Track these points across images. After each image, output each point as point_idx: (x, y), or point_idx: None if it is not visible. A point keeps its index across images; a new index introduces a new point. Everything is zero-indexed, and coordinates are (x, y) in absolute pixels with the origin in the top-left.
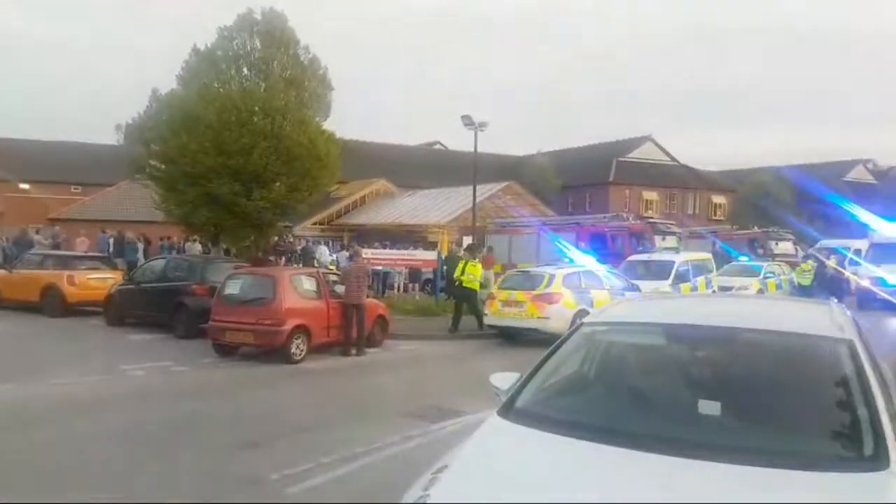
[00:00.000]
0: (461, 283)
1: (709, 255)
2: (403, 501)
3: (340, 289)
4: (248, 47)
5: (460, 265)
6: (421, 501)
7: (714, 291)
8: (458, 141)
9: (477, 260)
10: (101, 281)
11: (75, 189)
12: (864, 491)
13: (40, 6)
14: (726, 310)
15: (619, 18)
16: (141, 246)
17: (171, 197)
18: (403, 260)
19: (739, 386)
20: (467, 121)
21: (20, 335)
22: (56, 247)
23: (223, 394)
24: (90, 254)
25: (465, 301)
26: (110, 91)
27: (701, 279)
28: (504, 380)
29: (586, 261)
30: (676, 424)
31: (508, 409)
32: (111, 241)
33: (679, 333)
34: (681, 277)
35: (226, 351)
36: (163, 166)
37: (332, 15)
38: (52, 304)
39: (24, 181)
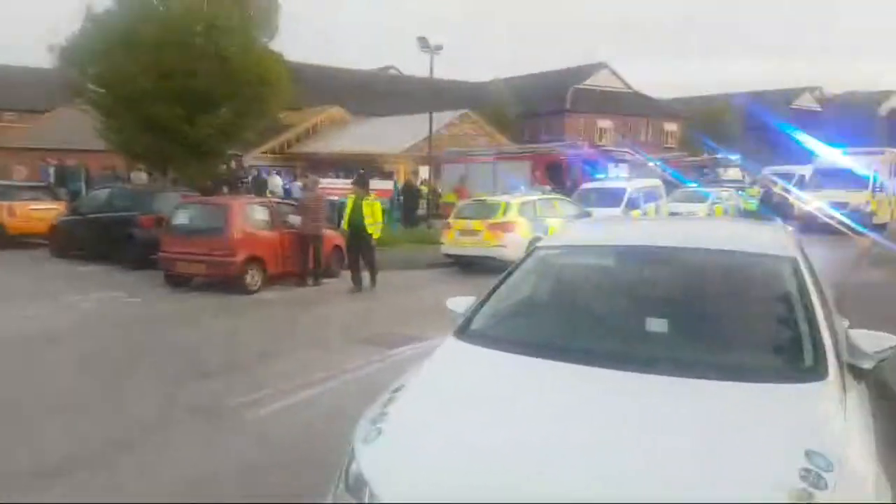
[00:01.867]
0: (358, 228)
1: (659, 182)
2: (362, 420)
3: (295, 219)
4: None
5: (350, 202)
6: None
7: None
8: (414, 66)
9: (373, 196)
10: (44, 212)
11: (9, 115)
12: (803, 399)
13: None
14: (675, 231)
15: None
16: (83, 175)
17: (110, 123)
18: None
19: (686, 304)
20: (423, 43)
21: None
22: None
23: (177, 324)
24: (30, 183)
25: (362, 252)
26: (42, 9)
27: (651, 206)
28: (460, 303)
29: (541, 189)
30: (626, 341)
31: (464, 331)
32: (52, 170)
33: (628, 254)
34: (631, 204)
35: (178, 282)
36: (100, 90)
37: None
38: None
39: None
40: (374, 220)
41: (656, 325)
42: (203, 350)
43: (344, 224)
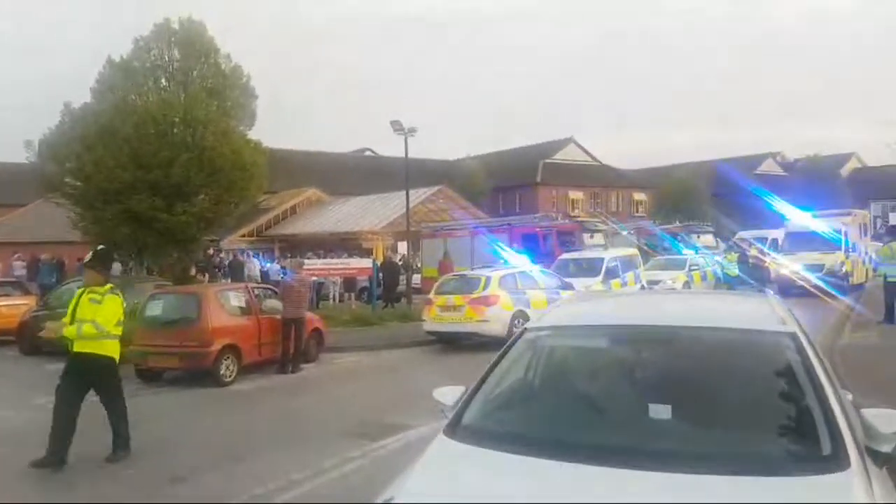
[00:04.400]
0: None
1: (636, 251)
2: None
3: (274, 303)
4: (166, 57)
5: (76, 297)
6: None
7: (643, 286)
8: (388, 147)
9: (114, 291)
10: (13, 308)
11: None
12: (827, 495)
13: None
14: (667, 307)
15: (539, 23)
16: (55, 269)
17: (87, 215)
18: (338, 269)
19: (688, 386)
20: (397, 126)
21: None
22: None
23: (148, 424)
24: (1, 280)
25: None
26: (19, 105)
27: (630, 274)
28: (448, 394)
29: (520, 261)
30: (627, 432)
31: (455, 427)
32: (25, 264)
33: (623, 335)
34: (611, 274)
35: (149, 377)
36: (78, 183)
37: (256, 23)
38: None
39: None
40: (99, 329)
41: (660, 411)
42: (174, 451)
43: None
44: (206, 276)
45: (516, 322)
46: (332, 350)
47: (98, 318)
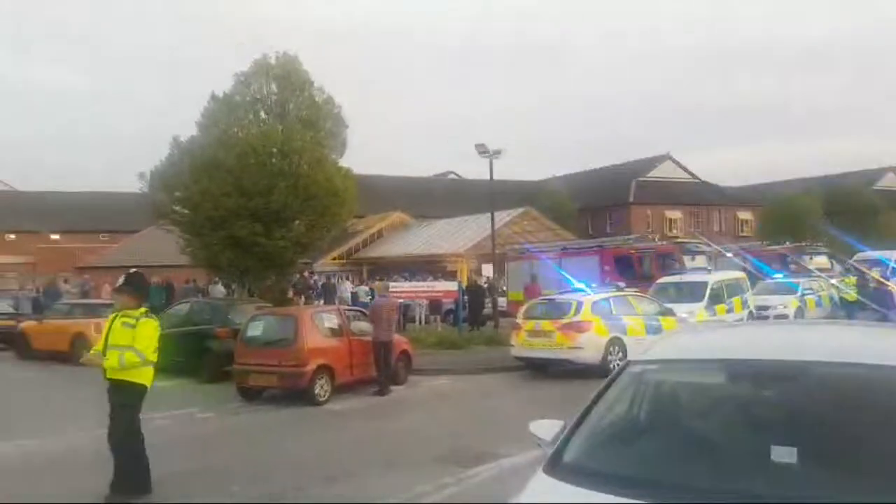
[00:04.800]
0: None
1: (742, 274)
2: None
3: (360, 325)
4: (265, 91)
5: (108, 322)
6: None
7: (751, 312)
8: (473, 169)
9: (149, 315)
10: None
11: (104, 237)
12: None
13: (68, 59)
14: (791, 339)
15: (629, 39)
16: (164, 291)
17: (194, 241)
18: (424, 292)
19: (817, 428)
20: (482, 149)
21: (49, 384)
22: (85, 295)
23: (247, 442)
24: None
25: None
26: (133, 140)
27: (737, 299)
28: (546, 428)
29: (581, 288)
30: (747, 476)
31: (555, 465)
32: None
33: (741, 370)
34: (715, 298)
35: (251, 395)
36: (186, 211)
37: (345, 54)
38: (80, 352)
39: (55, 231)
40: (136, 354)
41: (784, 454)
42: (271, 470)
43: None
44: (302, 298)
45: (611, 349)
46: (419, 373)
47: (137, 344)
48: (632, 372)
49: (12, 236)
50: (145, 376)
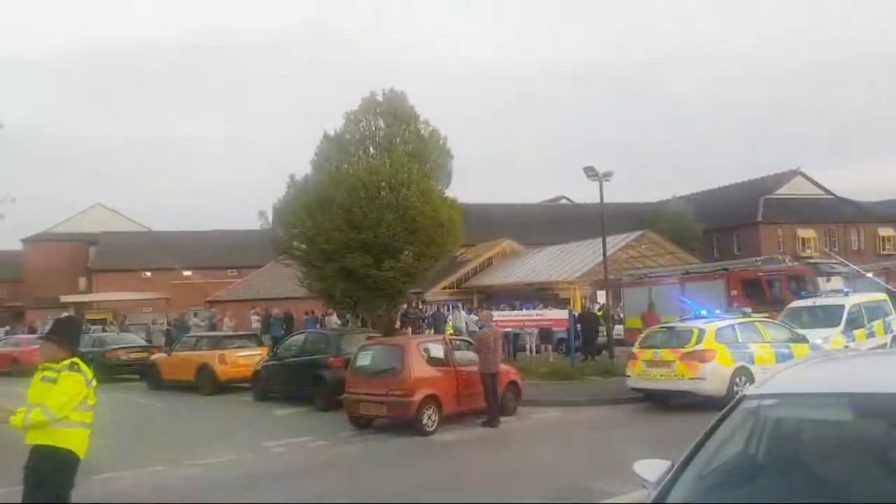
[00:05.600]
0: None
1: (884, 296)
2: None
3: (465, 354)
4: (373, 127)
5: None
6: None
7: (895, 337)
8: (584, 194)
9: (74, 367)
10: (249, 358)
11: (231, 272)
12: None
13: (194, 110)
14: None
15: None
16: (284, 322)
17: (311, 273)
18: (532, 321)
19: None
20: (591, 172)
21: (176, 413)
22: (212, 328)
23: (356, 472)
24: (239, 332)
25: (38, 477)
26: (255, 180)
27: (878, 323)
28: (651, 469)
29: (700, 316)
30: None
31: None
32: (260, 318)
33: (872, 405)
34: (853, 323)
35: (362, 423)
36: (303, 246)
37: (448, 85)
38: (205, 382)
39: (187, 268)
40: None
41: None
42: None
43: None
44: (409, 328)
45: (737, 380)
46: (530, 404)
47: (49, 400)
48: (746, 407)
49: (148, 274)
50: (73, 441)
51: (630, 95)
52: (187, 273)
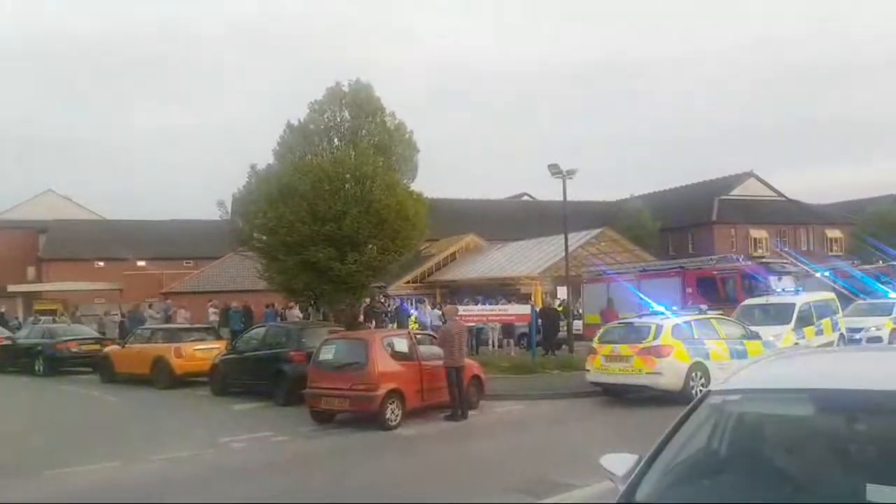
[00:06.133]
0: None
1: (832, 295)
2: None
3: (429, 349)
4: (338, 118)
5: None
6: None
7: (842, 335)
8: (547, 191)
9: None
10: (207, 352)
11: (187, 263)
12: None
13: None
14: (887, 366)
15: (707, 61)
16: (244, 315)
17: (272, 266)
18: (496, 315)
19: None
20: (554, 170)
21: (131, 408)
22: (168, 320)
23: (318, 468)
24: (196, 325)
25: None
26: (213, 170)
27: (826, 321)
28: (619, 463)
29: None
30: None
31: (628, 502)
32: (218, 311)
33: (832, 401)
34: (804, 321)
35: (323, 418)
36: (264, 238)
37: (415, 81)
38: (160, 376)
39: (142, 258)
40: None
41: (883, 494)
42: (340, 496)
43: None
44: (373, 322)
45: (693, 375)
46: (492, 398)
47: None
48: (711, 403)
49: (101, 263)
50: None
51: (608, 95)
52: (141, 263)
